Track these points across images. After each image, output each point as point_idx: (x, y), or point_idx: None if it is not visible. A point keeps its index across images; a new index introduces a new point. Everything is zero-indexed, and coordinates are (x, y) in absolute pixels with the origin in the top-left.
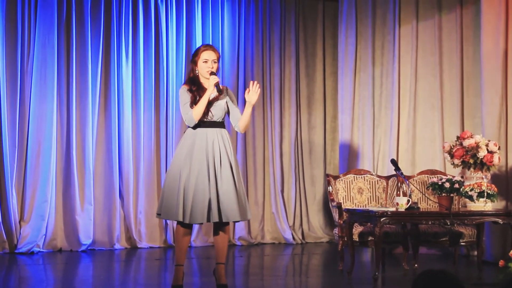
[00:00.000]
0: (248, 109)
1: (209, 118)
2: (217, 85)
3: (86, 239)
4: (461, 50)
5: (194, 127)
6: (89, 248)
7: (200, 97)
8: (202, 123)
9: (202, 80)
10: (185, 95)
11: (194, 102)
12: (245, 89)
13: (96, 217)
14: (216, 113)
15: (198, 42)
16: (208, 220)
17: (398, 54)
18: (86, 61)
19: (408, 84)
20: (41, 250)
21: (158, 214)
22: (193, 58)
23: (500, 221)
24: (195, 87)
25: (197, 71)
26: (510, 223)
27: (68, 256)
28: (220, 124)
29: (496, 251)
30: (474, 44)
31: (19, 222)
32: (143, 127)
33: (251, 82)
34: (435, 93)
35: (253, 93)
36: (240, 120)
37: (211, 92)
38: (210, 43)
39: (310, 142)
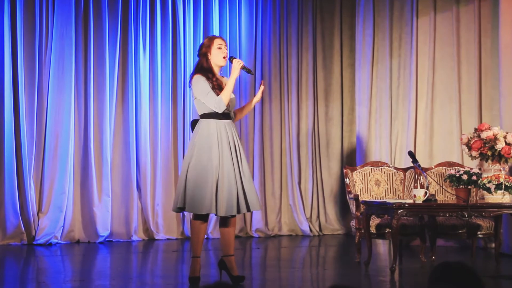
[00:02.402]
0: (251, 106)
1: (226, 110)
2: (244, 66)
3: (103, 230)
4: (479, 42)
5: (212, 118)
6: (106, 239)
7: (219, 85)
8: (220, 114)
9: (215, 69)
10: (205, 83)
11: (214, 89)
12: (261, 81)
13: (114, 208)
14: (231, 104)
15: (216, 34)
16: (238, 211)
17: (415, 45)
18: (104, 53)
19: (425, 76)
20: (59, 241)
21: (180, 208)
22: (204, 48)
23: None
24: (211, 75)
25: (209, 60)
26: None
27: (86, 247)
28: (231, 116)
29: None
30: (492, 36)
31: (37, 213)
32: (160, 119)
33: (262, 81)
34: (452, 85)
35: (260, 93)
36: (240, 112)
37: (236, 76)
38: (227, 35)
39: (327, 134)
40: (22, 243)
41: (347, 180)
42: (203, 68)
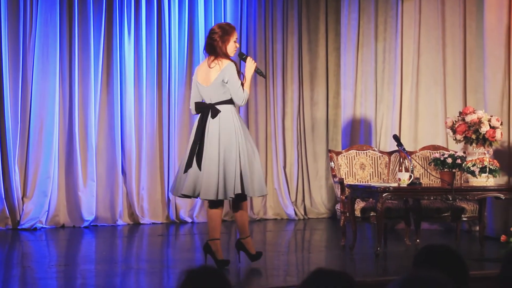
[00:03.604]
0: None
1: None
2: (258, 69)
3: (88, 215)
4: (464, 25)
5: (233, 104)
6: (91, 224)
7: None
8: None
9: None
10: (237, 75)
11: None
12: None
13: (99, 193)
14: None
15: (201, 18)
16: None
17: (401, 29)
18: (88, 38)
19: (410, 59)
20: (44, 226)
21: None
22: (225, 35)
23: (502, 196)
24: (238, 69)
25: (227, 49)
26: None
27: (71, 232)
28: None
29: (497, 226)
30: (477, 19)
31: (22, 198)
32: (145, 103)
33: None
34: (437, 68)
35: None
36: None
37: (252, 75)
38: (213, 20)
39: (313, 118)
40: (7, 227)
41: (332, 164)
42: (227, 55)
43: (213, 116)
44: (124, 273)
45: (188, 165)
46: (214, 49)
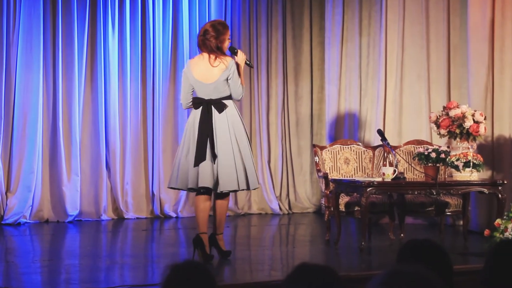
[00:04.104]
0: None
1: None
2: (247, 61)
3: (72, 210)
4: (448, 20)
5: (233, 100)
6: (75, 219)
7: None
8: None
9: None
10: (238, 71)
11: None
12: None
13: (83, 188)
14: None
15: (185, 12)
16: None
17: (385, 24)
18: (72, 32)
19: (395, 54)
20: (28, 221)
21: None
22: (222, 35)
23: (485, 190)
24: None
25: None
26: (495, 192)
27: (55, 227)
28: None
29: (481, 220)
30: (461, 15)
31: (6, 193)
32: (129, 97)
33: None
34: (422, 63)
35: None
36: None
37: (243, 67)
38: (197, 14)
39: (297, 113)
40: None
41: (316, 159)
42: (225, 53)
43: (220, 111)
44: (108, 268)
45: (199, 159)
46: (213, 48)
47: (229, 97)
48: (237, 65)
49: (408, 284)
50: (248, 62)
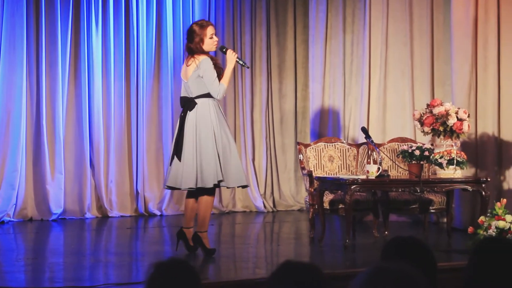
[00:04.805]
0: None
1: None
2: (239, 60)
3: (56, 208)
4: (432, 17)
5: (210, 97)
6: (59, 217)
7: (220, 73)
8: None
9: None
10: (213, 68)
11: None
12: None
13: (67, 186)
14: None
15: (169, 10)
16: (247, 182)
17: (368, 21)
18: (56, 30)
19: (378, 52)
20: (12, 219)
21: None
22: (197, 37)
23: (469, 188)
24: (214, 61)
25: (203, 47)
26: (479, 190)
27: (39, 225)
28: None
29: (465, 218)
30: (444, 12)
31: None
32: (113, 96)
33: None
34: (405, 61)
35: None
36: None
37: (232, 67)
38: (181, 12)
39: (281, 110)
40: None
41: (300, 156)
42: (204, 52)
43: (191, 109)
44: (92, 266)
45: (172, 157)
46: (190, 49)
47: (207, 95)
48: (216, 65)
49: (391, 281)
50: (240, 62)
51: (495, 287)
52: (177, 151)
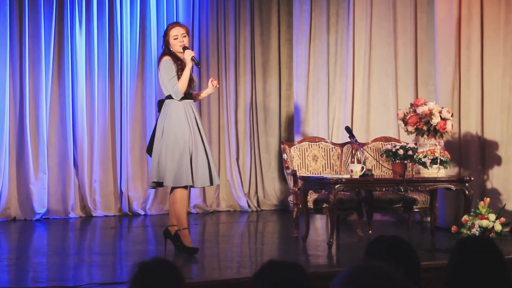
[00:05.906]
0: (201, 96)
1: (191, 90)
2: (193, 58)
3: (40, 208)
4: (415, 17)
5: (180, 98)
6: (43, 217)
7: (183, 68)
8: (186, 94)
9: (179, 55)
10: (171, 67)
11: (178, 72)
12: (200, 57)
13: (50, 186)
14: (194, 85)
15: (153, 9)
16: (212, 183)
17: (352, 21)
18: (39, 29)
19: (362, 52)
20: None
21: (157, 183)
22: (164, 39)
23: (453, 187)
24: (179, 61)
25: (171, 49)
26: (462, 189)
27: (22, 225)
28: (193, 97)
29: (449, 217)
30: (428, 12)
31: None
32: (97, 95)
33: (212, 80)
34: (389, 60)
35: (212, 88)
36: (195, 97)
37: (190, 67)
38: (165, 11)
39: (265, 110)
40: None
41: (284, 156)
42: (170, 52)
43: (159, 110)
44: (76, 266)
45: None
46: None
47: (171, 96)
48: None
49: (371, 280)
50: (194, 61)
51: (475, 285)
52: (149, 149)
